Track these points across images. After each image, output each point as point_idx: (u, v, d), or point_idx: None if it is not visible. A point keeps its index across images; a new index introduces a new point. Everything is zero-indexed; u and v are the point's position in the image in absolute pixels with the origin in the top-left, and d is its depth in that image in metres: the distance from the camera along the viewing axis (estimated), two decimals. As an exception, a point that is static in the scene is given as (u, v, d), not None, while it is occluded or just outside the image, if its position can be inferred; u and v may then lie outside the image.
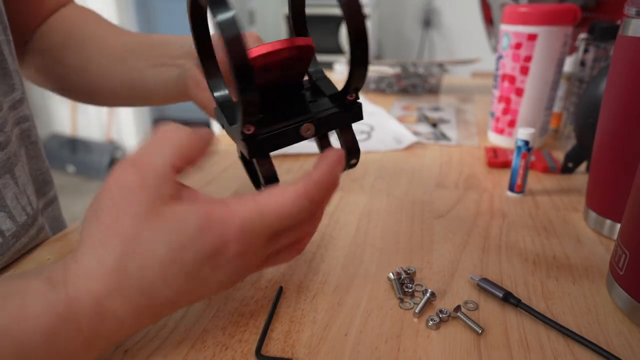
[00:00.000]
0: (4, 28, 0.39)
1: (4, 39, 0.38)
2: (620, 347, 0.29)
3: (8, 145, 0.36)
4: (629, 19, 0.37)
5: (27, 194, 0.38)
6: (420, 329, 0.30)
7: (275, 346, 0.29)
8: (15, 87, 0.40)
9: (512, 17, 0.62)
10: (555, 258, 0.39)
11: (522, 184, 0.50)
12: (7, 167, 0.36)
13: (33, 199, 0.39)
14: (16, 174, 0.37)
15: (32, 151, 0.42)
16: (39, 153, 0.43)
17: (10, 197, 0.36)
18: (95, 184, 2.58)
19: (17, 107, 0.40)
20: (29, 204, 0.38)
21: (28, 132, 0.42)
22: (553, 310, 0.32)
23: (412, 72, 1.02)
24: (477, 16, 1.00)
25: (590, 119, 0.50)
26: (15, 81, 0.40)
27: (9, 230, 0.36)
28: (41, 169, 0.43)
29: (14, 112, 0.40)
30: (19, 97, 0.41)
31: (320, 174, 0.27)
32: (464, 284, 0.35)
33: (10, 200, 0.36)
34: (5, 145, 0.36)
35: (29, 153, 0.42)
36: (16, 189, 0.37)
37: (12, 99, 0.39)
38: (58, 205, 0.47)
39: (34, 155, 0.42)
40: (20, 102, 0.41)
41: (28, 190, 0.38)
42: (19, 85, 0.41)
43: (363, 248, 0.40)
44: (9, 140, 0.36)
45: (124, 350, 0.28)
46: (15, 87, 0.40)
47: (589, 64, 0.63)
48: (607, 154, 0.41)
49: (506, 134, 0.66)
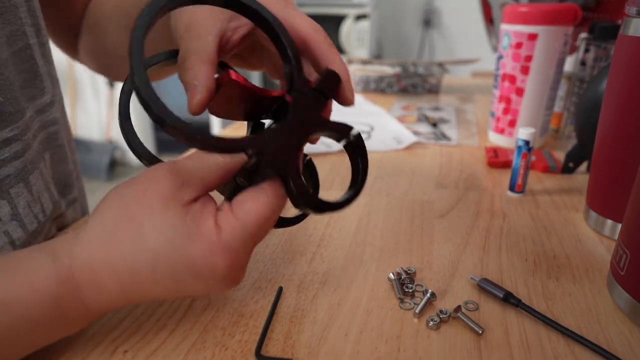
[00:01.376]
0: (37, 31, 0.38)
1: (35, 42, 0.38)
2: (621, 348, 0.29)
3: (25, 153, 0.36)
4: (629, 19, 0.37)
5: (42, 201, 0.38)
6: (420, 329, 0.30)
7: (275, 346, 0.29)
8: (46, 91, 0.40)
9: (513, 17, 0.62)
10: (555, 258, 0.39)
11: (522, 183, 0.50)
12: (22, 175, 0.36)
13: (47, 205, 0.39)
14: (31, 182, 0.36)
15: (58, 154, 0.42)
16: (64, 156, 0.43)
17: (22, 205, 0.36)
18: (95, 183, 2.58)
19: (46, 110, 0.40)
20: (41, 211, 0.38)
21: (55, 136, 0.41)
22: (553, 311, 0.32)
23: (412, 72, 1.02)
24: (478, 16, 1.00)
25: (591, 119, 0.50)
26: (46, 84, 0.40)
27: (19, 239, 0.36)
28: (65, 172, 0.43)
29: (42, 116, 0.40)
30: (49, 100, 0.40)
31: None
32: (464, 284, 0.35)
33: (22, 209, 0.36)
34: (22, 153, 0.35)
35: (54, 157, 0.41)
36: (29, 197, 0.36)
37: (41, 103, 0.39)
38: (79, 206, 0.47)
39: (59, 158, 0.42)
40: (50, 105, 0.41)
41: (43, 198, 0.38)
42: (49, 89, 0.41)
43: (363, 248, 0.40)
44: (27, 148, 0.36)
45: (123, 350, 0.28)
46: (46, 90, 0.40)
47: (589, 63, 0.63)
48: (607, 154, 0.41)
49: (506, 133, 0.66)
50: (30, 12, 0.38)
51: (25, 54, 0.37)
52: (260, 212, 0.26)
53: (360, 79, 1.03)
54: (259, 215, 0.26)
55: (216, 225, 0.25)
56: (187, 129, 0.24)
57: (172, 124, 0.24)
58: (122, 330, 0.30)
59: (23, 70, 0.37)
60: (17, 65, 0.36)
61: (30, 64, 0.38)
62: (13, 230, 0.35)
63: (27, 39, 0.37)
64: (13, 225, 0.35)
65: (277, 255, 0.39)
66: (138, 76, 0.24)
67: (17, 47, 0.36)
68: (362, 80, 1.03)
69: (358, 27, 2.49)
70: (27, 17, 0.37)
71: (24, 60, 0.37)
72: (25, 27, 0.37)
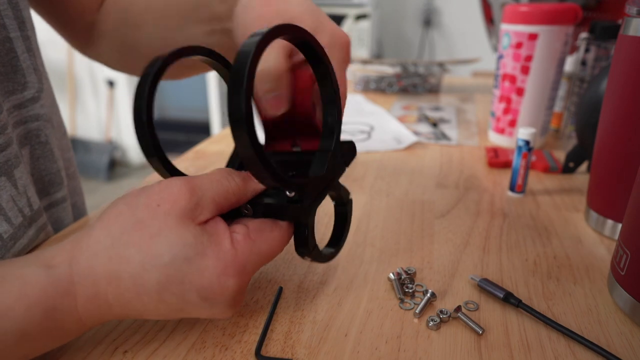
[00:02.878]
0: (19, 23, 0.38)
1: (17, 35, 0.38)
2: (621, 348, 0.29)
3: (8, 147, 0.36)
4: (630, 19, 0.37)
5: (28, 195, 0.38)
6: (420, 329, 0.30)
7: (275, 347, 0.29)
8: (28, 85, 0.39)
9: (513, 17, 0.61)
10: (556, 258, 0.39)
11: (522, 184, 0.50)
12: (5, 169, 0.35)
13: (34, 200, 0.38)
14: (16, 176, 0.36)
15: (39, 151, 0.41)
16: (48, 153, 0.42)
17: (5, 199, 0.35)
18: (94, 183, 2.58)
19: (27, 105, 0.39)
20: (27, 205, 0.38)
21: (37, 132, 0.41)
22: (554, 311, 0.32)
23: (413, 71, 1.02)
24: (478, 16, 1.00)
25: (591, 119, 0.50)
26: (29, 79, 0.39)
27: (6, 232, 0.36)
28: (49, 170, 0.42)
29: (21, 110, 0.39)
30: (31, 96, 0.40)
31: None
32: (464, 285, 0.35)
33: (6, 203, 0.36)
34: (5, 147, 0.35)
35: (35, 153, 0.41)
36: (13, 190, 0.36)
37: (21, 98, 0.39)
38: (65, 207, 0.47)
39: (41, 155, 0.41)
40: (33, 100, 0.40)
41: (29, 192, 0.38)
42: (33, 83, 0.40)
43: (363, 248, 0.40)
44: (9, 143, 0.36)
45: (123, 350, 0.28)
46: (28, 85, 0.39)
47: (589, 63, 0.63)
48: (608, 154, 0.41)
49: (507, 133, 0.66)
50: (12, 4, 0.37)
51: (3, 47, 0.37)
52: (273, 245, 0.28)
53: (361, 79, 1.03)
54: (272, 248, 0.28)
55: (233, 247, 0.26)
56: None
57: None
58: (122, 330, 0.30)
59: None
60: None
61: (9, 57, 0.37)
62: None
63: (7, 31, 0.37)
64: None
65: (277, 255, 0.39)
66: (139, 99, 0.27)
67: None
68: (362, 80, 1.03)
69: (358, 27, 2.49)
70: (8, 10, 0.37)
71: (2, 53, 0.37)
72: (5, 19, 0.36)
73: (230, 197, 0.27)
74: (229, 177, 0.28)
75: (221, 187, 0.27)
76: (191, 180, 0.27)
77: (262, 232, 0.28)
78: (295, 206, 0.28)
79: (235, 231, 0.27)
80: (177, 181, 0.26)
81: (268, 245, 0.28)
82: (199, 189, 0.26)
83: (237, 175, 0.28)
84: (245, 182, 0.28)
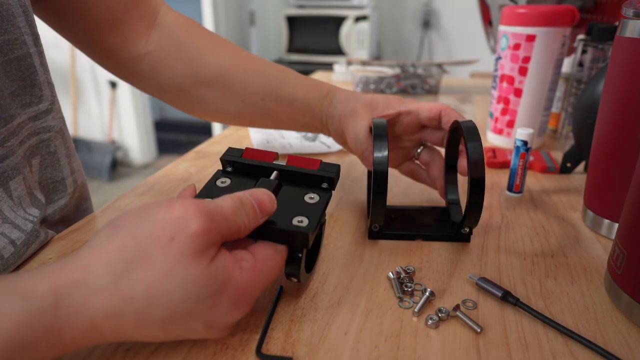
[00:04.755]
0: (35, 40, 0.39)
1: (35, 51, 0.39)
2: (618, 346, 0.29)
3: (6, 159, 0.36)
4: (626, 20, 0.37)
5: (23, 206, 0.38)
6: (419, 327, 0.31)
7: (276, 345, 0.29)
8: (44, 98, 0.40)
9: (511, 18, 0.62)
10: (553, 257, 0.39)
11: (520, 184, 0.50)
12: (1, 181, 0.36)
13: (31, 210, 0.39)
14: (11, 187, 0.37)
15: (48, 160, 0.42)
16: (55, 163, 0.43)
17: (6, 209, 0.36)
18: (97, 184, 2.58)
19: (41, 117, 0.40)
20: (26, 215, 0.38)
21: (48, 142, 0.42)
22: (551, 309, 0.33)
23: (412, 72, 1.02)
24: (476, 17, 1.01)
25: (589, 119, 0.50)
26: (44, 92, 0.40)
27: (19, 239, 0.36)
28: (54, 178, 0.43)
29: (35, 122, 0.40)
30: (45, 108, 0.41)
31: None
32: (463, 283, 0.35)
33: (9, 212, 0.36)
34: (2, 159, 0.35)
35: (44, 163, 0.42)
36: (10, 202, 0.37)
37: (36, 110, 0.40)
38: (67, 213, 0.47)
39: (49, 164, 0.42)
40: (47, 112, 0.41)
41: (24, 203, 0.38)
42: (47, 96, 0.41)
43: (363, 248, 0.40)
44: (9, 154, 0.36)
45: (125, 349, 0.29)
46: (44, 98, 0.40)
47: (587, 64, 0.64)
48: (605, 154, 0.42)
49: (505, 134, 0.67)
50: (28, 21, 0.38)
51: (25, 63, 0.38)
52: (276, 271, 0.29)
53: (360, 80, 1.04)
54: (275, 275, 0.29)
55: (242, 279, 0.26)
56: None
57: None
58: (123, 329, 0.30)
59: (19, 77, 0.37)
60: (10, 73, 0.36)
61: (30, 72, 0.39)
62: (9, 232, 0.36)
63: (27, 47, 0.38)
64: (7, 227, 0.36)
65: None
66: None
67: (14, 55, 0.37)
68: (361, 81, 1.04)
69: (358, 29, 2.49)
70: (26, 27, 0.38)
71: (23, 68, 0.38)
72: (25, 36, 0.38)
73: (241, 234, 0.28)
74: (242, 211, 0.27)
75: (234, 225, 0.27)
76: (209, 214, 0.25)
77: (267, 260, 0.28)
78: (302, 233, 0.29)
79: (242, 259, 0.27)
80: (193, 211, 0.25)
81: (273, 272, 0.29)
82: (216, 224, 0.25)
83: (250, 209, 0.28)
84: (256, 218, 0.28)
